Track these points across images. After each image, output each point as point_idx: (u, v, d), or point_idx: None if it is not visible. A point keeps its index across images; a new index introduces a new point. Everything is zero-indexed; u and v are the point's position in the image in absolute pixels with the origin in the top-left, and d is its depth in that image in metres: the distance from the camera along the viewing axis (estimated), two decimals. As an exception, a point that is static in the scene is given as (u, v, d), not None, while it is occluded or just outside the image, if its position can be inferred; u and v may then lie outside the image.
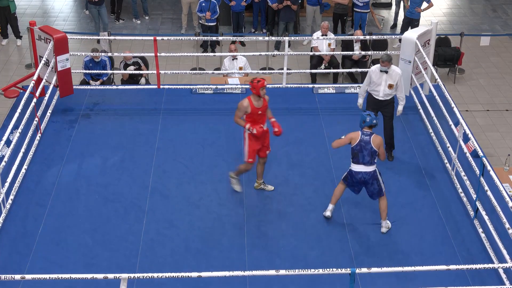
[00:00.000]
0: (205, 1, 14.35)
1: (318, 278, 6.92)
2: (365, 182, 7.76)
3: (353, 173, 7.77)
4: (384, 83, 8.85)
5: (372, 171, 7.72)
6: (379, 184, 7.78)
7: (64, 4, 17.52)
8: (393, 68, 8.85)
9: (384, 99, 8.94)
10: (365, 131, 7.77)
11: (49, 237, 7.70)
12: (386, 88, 8.86)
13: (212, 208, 8.25)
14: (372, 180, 7.74)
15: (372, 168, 7.72)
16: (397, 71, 8.86)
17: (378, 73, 8.84)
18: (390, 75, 8.82)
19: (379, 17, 16.68)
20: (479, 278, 7.14)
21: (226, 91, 10.70)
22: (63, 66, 9.91)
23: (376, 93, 8.94)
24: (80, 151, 9.22)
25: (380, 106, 8.98)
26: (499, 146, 11.82)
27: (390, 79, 8.82)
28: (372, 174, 7.72)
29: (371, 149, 7.66)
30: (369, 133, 7.76)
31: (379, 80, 8.86)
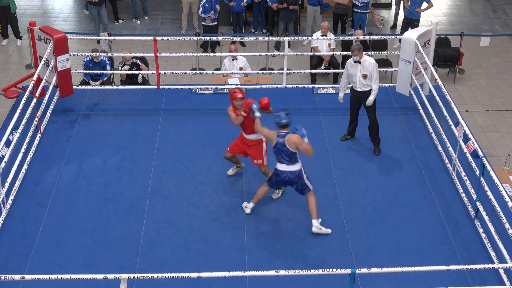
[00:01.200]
0: (207, 2, 14.36)
1: (318, 279, 6.91)
2: (291, 181, 7.74)
3: (278, 172, 7.73)
4: (359, 74, 9.00)
5: (297, 171, 7.67)
6: (303, 183, 7.75)
7: (64, 4, 17.52)
8: (366, 58, 8.98)
9: (362, 90, 9.07)
10: (280, 132, 7.66)
11: (49, 237, 7.70)
12: (361, 78, 9.02)
13: (212, 209, 8.25)
14: (297, 179, 7.71)
15: (296, 167, 7.66)
16: (370, 61, 8.96)
17: (353, 64, 9.04)
18: (363, 65, 8.96)
19: (379, 18, 16.68)
20: (479, 278, 7.14)
21: (226, 91, 10.69)
22: (63, 66, 9.91)
23: (354, 85, 9.13)
24: (80, 151, 9.22)
25: (360, 97, 9.14)
26: (499, 146, 11.82)
27: (364, 69, 8.97)
28: (297, 173, 7.67)
29: (287, 151, 7.56)
30: (283, 134, 7.63)
31: (354, 71, 9.04)
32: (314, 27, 15.24)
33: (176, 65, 14.22)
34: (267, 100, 8.20)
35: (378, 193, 8.56)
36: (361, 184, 8.70)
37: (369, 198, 8.46)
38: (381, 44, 13.69)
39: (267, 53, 12.53)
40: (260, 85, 10.83)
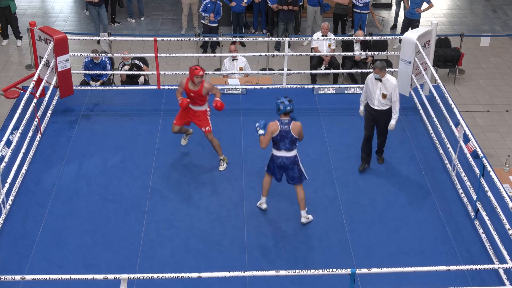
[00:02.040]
0: (210, 2, 14.35)
1: (318, 279, 6.91)
2: (285, 167, 7.82)
3: (273, 157, 7.85)
4: (378, 92, 8.59)
5: (293, 156, 7.79)
6: (300, 169, 7.85)
7: (64, 4, 17.53)
8: (388, 77, 8.57)
9: (379, 109, 8.65)
10: (283, 120, 7.74)
11: (49, 238, 7.70)
12: (380, 97, 8.60)
13: (212, 209, 8.25)
14: (292, 165, 7.80)
15: (292, 153, 7.79)
16: (392, 82, 8.53)
17: (373, 81, 8.61)
18: (384, 84, 8.53)
19: (379, 18, 16.68)
20: (479, 279, 7.14)
21: (226, 92, 10.69)
22: (63, 67, 9.91)
23: (371, 102, 8.71)
24: (80, 152, 9.22)
25: (376, 116, 8.73)
26: (499, 146, 11.81)
27: (384, 89, 8.55)
28: (292, 159, 7.78)
29: (291, 137, 7.69)
30: (287, 121, 7.72)
31: (373, 88, 8.62)
32: (314, 28, 15.24)
33: (176, 66, 14.21)
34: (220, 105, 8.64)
35: (378, 193, 8.56)
36: (361, 184, 8.70)
37: (369, 198, 8.46)
38: (381, 44, 13.68)
39: (267, 53, 12.53)
40: (260, 86, 10.83)
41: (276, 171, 7.94)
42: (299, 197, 7.94)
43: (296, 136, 7.72)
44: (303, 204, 7.95)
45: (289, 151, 7.77)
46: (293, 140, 7.73)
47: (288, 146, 7.73)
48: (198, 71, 8.47)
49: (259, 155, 8.98)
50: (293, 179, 7.91)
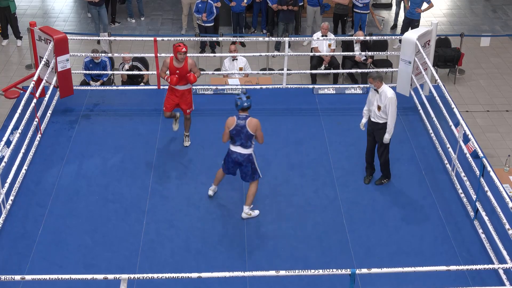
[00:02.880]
0: (201, 2, 14.36)
1: (318, 279, 6.92)
2: (239, 163, 7.93)
3: (229, 152, 7.96)
4: (375, 103, 8.33)
5: (247, 154, 7.88)
6: (254, 168, 7.94)
7: (64, 4, 17.53)
8: (385, 89, 8.24)
9: (375, 121, 8.39)
10: (240, 115, 7.86)
11: (49, 238, 7.70)
12: (376, 109, 8.33)
13: (212, 209, 8.25)
14: (246, 162, 7.90)
15: (248, 151, 7.88)
16: (387, 94, 8.18)
17: (373, 92, 8.38)
18: (380, 96, 8.25)
19: (379, 18, 16.68)
20: (479, 279, 7.14)
21: (226, 92, 10.70)
22: (63, 67, 9.92)
23: (371, 113, 8.47)
24: (80, 152, 9.22)
25: (374, 129, 8.49)
26: (499, 146, 11.81)
27: (379, 100, 8.27)
28: (246, 156, 7.87)
29: (247, 133, 7.77)
30: (244, 116, 7.82)
31: (372, 99, 8.38)
32: (314, 28, 15.24)
33: (176, 66, 14.20)
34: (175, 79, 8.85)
35: (378, 193, 8.56)
36: (361, 184, 8.69)
37: (369, 198, 8.46)
38: (381, 44, 13.68)
39: (267, 53, 12.53)
40: (260, 86, 10.83)
41: (230, 165, 8.05)
42: (249, 192, 8.05)
43: (252, 132, 7.77)
44: (249, 200, 8.04)
45: (245, 148, 7.86)
46: (249, 136, 7.79)
47: (243, 141, 7.82)
48: (181, 48, 8.67)
49: (259, 155, 8.97)
50: (245, 176, 8.03)
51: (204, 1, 14.36)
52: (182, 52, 8.68)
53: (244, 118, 7.81)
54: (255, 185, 8.05)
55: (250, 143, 7.87)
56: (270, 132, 9.66)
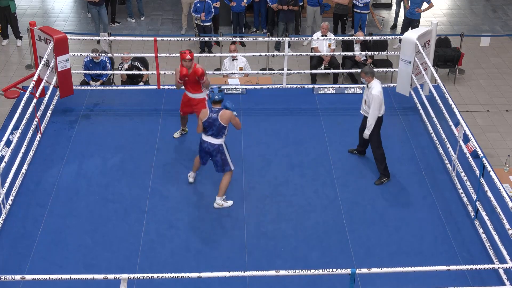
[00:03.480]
0: (199, 2, 14.37)
1: (318, 279, 6.92)
2: (210, 153, 8.12)
3: (201, 141, 8.16)
4: (364, 97, 8.62)
5: (217, 145, 8.05)
6: (224, 158, 8.10)
7: (64, 4, 17.53)
8: (374, 85, 8.44)
9: (363, 115, 8.68)
10: (213, 108, 8.04)
11: (49, 238, 7.70)
12: (363, 103, 8.62)
13: (212, 209, 8.25)
14: (216, 153, 8.08)
15: (218, 141, 8.05)
16: (374, 91, 8.38)
17: (365, 87, 8.62)
18: (369, 91, 8.47)
19: (379, 18, 16.68)
20: (479, 279, 7.14)
21: (226, 92, 10.69)
22: (63, 67, 9.91)
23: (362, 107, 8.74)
24: (80, 152, 9.22)
25: (363, 122, 8.76)
26: (499, 146, 11.81)
27: (366, 95, 8.52)
28: (216, 147, 8.05)
29: (219, 125, 7.96)
30: (217, 109, 8.01)
31: (364, 94, 8.64)
32: (314, 28, 15.24)
33: (176, 66, 14.16)
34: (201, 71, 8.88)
35: (378, 193, 8.56)
36: (361, 184, 8.69)
37: (369, 198, 8.46)
38: (381, 44, 13.69)
39: (267, 53, 12.53)
40: (260, 86, 10.83)
41: (202, 154, 8.23)
42: (221, 183, 8.19)
43: (224, 124, 7.96)
44: (221, 191, 8.19)
45: (215, 138, 8.03)
46: (220, 128, 7.98)
47: (214, 133, 8.00)
48: (186, 55, 8.75)
49: (259, 155, 8.99)
50: (216, 167, 8.19)
51: (203, 0, 14.36)
52: (187, 59, 8.75)
53: (217, 111, 7.99)
54: (227, 177, 8.19)
55: (221, 134, 8.05)
56: (270, 132, 9.67)
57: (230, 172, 8.20)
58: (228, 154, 8.14)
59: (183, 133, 9.56)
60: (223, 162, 8.13)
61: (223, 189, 8.20)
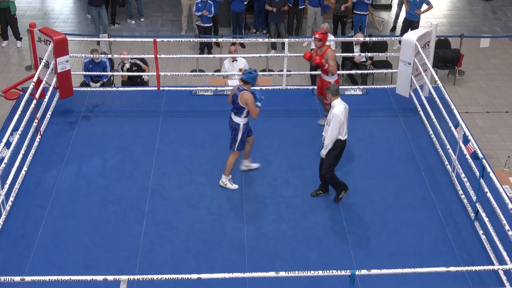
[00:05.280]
0: (201, 2, 14.38)
1: (318, 280, 6.91)
2: (229, 127, 8.39)
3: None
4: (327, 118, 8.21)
5: (235, 123, 8.29)
6: (234, 137, 8.35)
7: (64, 6, 17.54)
8: (336, 104, 8.02)
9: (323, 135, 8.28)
10: (240, 86, 8.24)
11: (49, 239, 7.70)
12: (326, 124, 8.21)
13: (212, 210, 8.25)
14: (232, 129, 8.34)
15: (237, 119, 8.27)
16: (335, 110, 7.94)
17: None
18: (330, 110, 8.07)
19: (379, 19, 16.69)
20: (479, 280, 7.14)
21: (226, 93, 10.69)
22: (63, 68, 9.91)
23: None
24: (80, 153, 9.22)
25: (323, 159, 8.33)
26: (499, 147, 11.82)
27: (328, 116, 8.14)
28: (234, 124, 8.30)
29: (238, 104, 8.17)
30: (241, 88, 8.20)
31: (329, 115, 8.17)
32: (314, 28, 15.24)
33: (176, 67, 14.22)
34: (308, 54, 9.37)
35: (378, 194, 8.56)
36: (360, 186, 8.69)
37: (369, 199, 8.46)
38: (381, 45, 13.69)
39: (267, 54, 12.53)
40: (260, 87, 10.82)
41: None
42: (227, 161, 8.47)
43: (242, 104, 8.11)
44: (226, 170, 8.50)
45: (235, 115, 8.27)
46: (239, 107, 8.16)
47: (235, 110, 8.25)
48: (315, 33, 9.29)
49: (258, 156, 8.99)
50: (230, 142, 8.46)
51: (204, 0, 14.37)
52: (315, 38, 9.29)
53: (241, 90, 8.16)
54: (233, 156, 8.42)
55: (239, 113, 8.20)
56: (269, 133, 9.67)
57: (234, 153, 8.41)
58: (240, 136, 8.30)
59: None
60: (232, 139, 8.38)
61: (227, 168, 8.47)
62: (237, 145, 8.38)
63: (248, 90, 8.16)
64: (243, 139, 8.38)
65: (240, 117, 8.25)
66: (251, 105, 8.11)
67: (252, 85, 8.21)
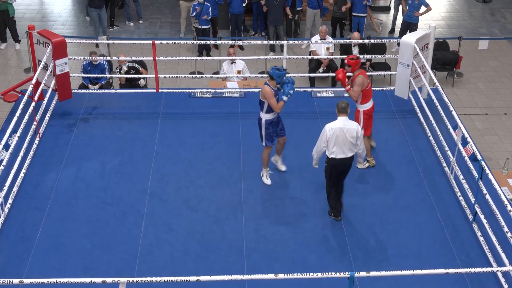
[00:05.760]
0: (198, 4, 14.38)
1: (317, 282, 6.91)
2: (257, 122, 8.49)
3: None
4: None
5: (259, 118, 8.39)
6: (260, 132, 8.43)
7: (62, 8, 17.54)
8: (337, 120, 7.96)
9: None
10: (266, 81, 8.25)
11: (47, 241, 7.70)
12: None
13: (211, 212, 8.25)
14: (258, 124, 8.44)
15: (261, 114, 8.35)
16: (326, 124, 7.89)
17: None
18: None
19: (378, 21, 16.70)
20: (477, 282, 7.14)
21: (225, 95, 10.70)
22: (62, 70, 9.91)
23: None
24: (78, 155, 9.22)
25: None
26: (498, 149, 11.82)
27: None
28: (258, 119, 8.41)
29: (259, 98, 8.28)
30: (266, 83, 8.24)
31: None
32: (313, 31, 15.25)
33: (174, 69, 14.22)
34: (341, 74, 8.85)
35: (376, 196, 8.56)
36: (359, 188, 8.69)
37: (367, 201, 8.46)
38: (379, 47, 13.70)
39: (266, 56, 12.54)
40: (259, 89, 10.80)
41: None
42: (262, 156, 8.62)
43: (261, 98, 8.22)
44: (263, 164, 8.65)
45: (261, 111, 8.33)
46: (260, 102, 8.25)
47: (259, 105, 8.33)
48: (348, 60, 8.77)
49: (257, 158, 8.98)
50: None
51: (201, 3, 14.38)
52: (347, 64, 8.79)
53: (265, 84, 8.21)
54: (265, 151, 8.56)
55: (261, 108, 8.27)
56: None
57: (266, 148, 8.51)
58: (265, 131, 8.36)
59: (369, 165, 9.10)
60: (261, 137, 8.46)
61: (263, 162, 8.62)
62: (264, 140, 8.47)
63: (270, 85, 8.19)
64: (269, 135, 8.42)
65: (263, 111, 8.31)
66: (270, 99, 8.15)
67: (277, 82, 8.19)
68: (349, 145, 7.86)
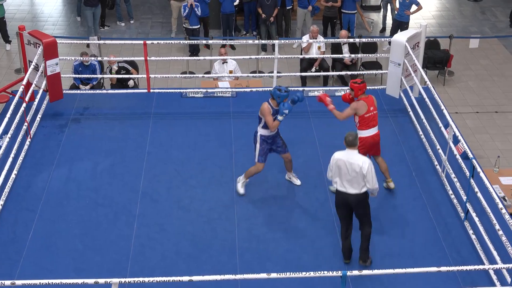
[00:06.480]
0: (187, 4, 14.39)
1: (310, 281, 6.92)
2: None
3: None
4: None
5: (255, 131, 8.31)
6: (255, 146, 8.30)
7: (53, 8, 17.49)
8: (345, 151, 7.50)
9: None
10: (269, 100, 8.21)
11: (39, 242, 7.67)
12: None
13: (203, 212, 8.24)
14: (253, 140, 8.33)
15: (257, 128, 8.27)
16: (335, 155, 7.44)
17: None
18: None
19: (369, 20, 16.73)
20: (469, 280, 7.16)
21: (217, 95, 10.70)
22: (53, 71, 9.88)
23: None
24: (70, 156, 9.19)
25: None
26: (489, 148, 11.86)
27: None
28: (254, 133, 8.32)
29: (258, 114, 8.21)
30: (268, 100, 8.19)
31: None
32: (304, 30, 15.27)
33: (166, 69, 14.21)
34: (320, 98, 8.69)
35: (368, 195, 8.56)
36: (351, 187, 8.69)
37: (359, 201, 8.45)
38: (370, 46, 13.73)
39: (257, 56, 12.54)
40: (251, 88, 10.84)
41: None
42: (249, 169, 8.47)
43: (259, 114, 8.17)
44: (246, 174, 8.45)
45: (258, 125, 8.25)
46: (258, 117, 8.20)
47: (258, 119, 8.26)
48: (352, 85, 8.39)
49: (249, 158, 8.97)
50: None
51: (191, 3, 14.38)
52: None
53: (267, 101, 8.18)
54: (254, 167, 8.36)
55: (259, 122, 8.21)
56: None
57: (257, 164, 8.32)
58: (259, 147, 8.26)
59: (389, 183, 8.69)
60: (254, 149, 8.32)
61: (247, 173, 8.43)
62: (257, 156, 8.28)
63: (271, 103, 8.11)
64: (263, 151, 8.26)
65: (259, 126, 8.22)
66: (266, 116, 8.07)
67: (277, 102, 8.09)
68: (351, 180, 7.14)
